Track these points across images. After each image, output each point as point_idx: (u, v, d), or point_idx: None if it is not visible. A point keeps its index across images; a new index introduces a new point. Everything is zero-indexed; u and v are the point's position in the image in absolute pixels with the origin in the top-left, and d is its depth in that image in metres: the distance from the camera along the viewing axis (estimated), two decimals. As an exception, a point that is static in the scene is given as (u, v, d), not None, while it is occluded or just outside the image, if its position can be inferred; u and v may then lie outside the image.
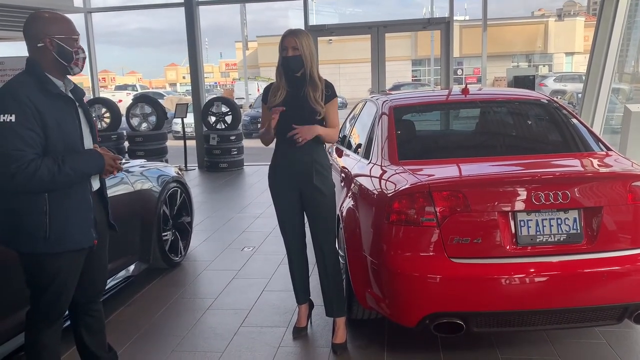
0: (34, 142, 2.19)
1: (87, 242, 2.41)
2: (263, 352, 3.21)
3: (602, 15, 8.25)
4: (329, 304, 3.31)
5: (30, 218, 2.28)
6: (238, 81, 37.25)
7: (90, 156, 2.37)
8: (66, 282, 2.41)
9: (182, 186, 4.97)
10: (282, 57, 3.12)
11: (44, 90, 2.27)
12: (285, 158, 3.20)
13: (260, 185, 8.67)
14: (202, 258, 5.03)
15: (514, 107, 4.04)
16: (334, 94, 3.21)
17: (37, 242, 2.29)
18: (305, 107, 3.10)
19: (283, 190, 3.25)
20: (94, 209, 2.48)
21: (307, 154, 3.13)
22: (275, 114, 3.02)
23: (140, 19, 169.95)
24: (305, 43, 3.08)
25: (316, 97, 3.10)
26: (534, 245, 2.75)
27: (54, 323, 2.47)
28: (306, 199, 3.21)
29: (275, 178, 3.27)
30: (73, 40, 2.35)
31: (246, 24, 34.04)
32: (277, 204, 3.32)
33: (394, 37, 25.67)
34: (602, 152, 3.31)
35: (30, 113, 2.18)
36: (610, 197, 2.78)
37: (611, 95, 8.54)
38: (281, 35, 3.08)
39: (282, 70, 3.15)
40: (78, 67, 2.39)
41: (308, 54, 3.09)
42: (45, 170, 2.18)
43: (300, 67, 3.09)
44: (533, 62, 37.97)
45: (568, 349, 3.10)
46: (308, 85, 3.11)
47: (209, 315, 3.77)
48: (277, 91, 3.16)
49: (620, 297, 2.75)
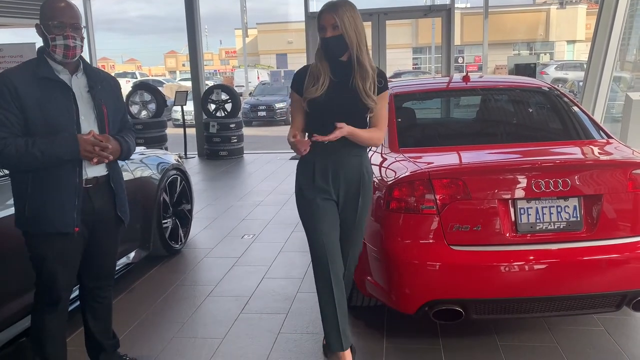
0: (9, 122, 2.25)
1: (64, 227, 2.37)
2: (263, 339, 3.23)
3: (604, 3, 8.19)
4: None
5: (17, 197, 2.41)
6: (238, 69, 37.11)
7: (65, 140, 2.30)
8: (55, 266, 2.42)
9: (182, 174, 4.97)
10: (321, 39, 2.59)
11: (34, 73, 2.32)
12: (327, 158, 2.62)
13: (260, 173, 8.67)
14: (202, 245, 5.04)
15: (515, 95, 4.03)
16: (386, 86, 2.64)
17: (21, 220, 2.42)
18: (354, 101, 2.55)
19: (319, 199, 2.65)
20: (92, 197, 2.46)
21: (355, 157, 2.63)
22: (305, 146, 2.46)
23: (141, 5, 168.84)
24: (347, 19, 2.50)
25: (366, 88, 2.53)
26: (533, 232, 2.75)
27: (54, 307, 2.49)
28: (344, 212, 2.70)
29: (314, 180, 2.65)
30: (49, 26, 2.31)
31: (246, 11, 33.88)
32: (310, 215, 2.66)
33: (395, 25, 25.53)
34: (603, 140, 3.30)
35: (8, 94, 2.24)
36: (611, 185, 2.78)
37: (612, 84, 8.51)
38: (283, 21, 3.00)
39: (323, 53, 2.59)
40: (56, 54, 2.33)
41: (353, 32, 2.51)
42: (13, 149, 2.23)
43: (344, 49, 2.54)
44: (534, 50, 37.78)
45: (567, 336, 3.11)
46: (356, 72, 2.56)
47: (209, 302, 3.79)
48: (318, 79, 2.56)
49: (619, 284, 2.76)
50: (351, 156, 2.63)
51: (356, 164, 2.64)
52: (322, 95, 2.53)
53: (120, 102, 2.66)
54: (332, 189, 2.65)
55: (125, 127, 2.65)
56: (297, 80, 2.64)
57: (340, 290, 2.65)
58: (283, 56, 38.98)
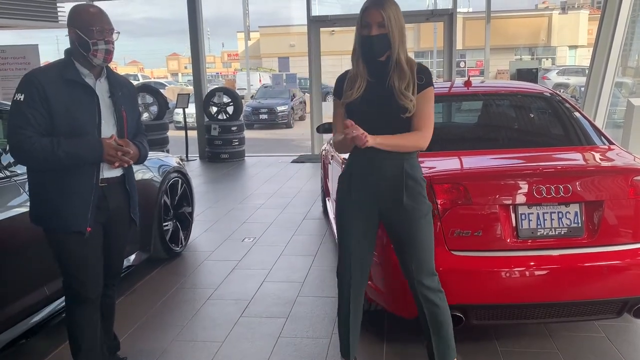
0: (36, 121, 2.30)
1: (76, 226, 2.41)
2: (263, 343, 3.22)
3: (607, 8, 8.20)
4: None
5: (35, 194, 2.47)
6: (240, 72, 37.15)
7: (89, 143, 2.38)
8: (72, 263, 2.47)
9: (183, 176, 4.97)
10: (361, 37, 2.41)
11: (62, 75, 2.38)
12: (365, 167, 2.46)
13: (262, 176, 8.68)
14: (202, 248, 5.04)
15: (517, 100, 4.02)
16: (429, 82, 2.43)
17: (37, 217, 2.47)
18: (390, 102, 2.39)
19: (356, 210, 2.50)
20: (107, 196, 2.51)
21: (395, 163, 2.41)
22: (351, 129, 2.24)
23: (145, 8, 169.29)
24: (394, 17, 2.35)
25: (402, 88, 2.37)
26: (534, 238, 2.75)
27: (82, 305, 2.54)
28: (392, 224, 2.50)
29: (350, 192, 2.51)
30: (92, 31, 2.38)
31: (248, 14, 33.96)
32: (344, 225, 2.56)
33: (397, 29, 25.40)
34: (605, 146, 3.30)
35: (37, 95, 2.30)
36: (612, 192, 2.77)
37: (614, 89, 8.51)
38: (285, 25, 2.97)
39: (361, 53, 2.44)
40: (97, 57, 2.41)
41: (397, 31, 2.36)
42: (39, 149, 2.29)
43: (386, 49, 2.38)
44: (536, 55, 37.78)
45: (567, 342, 3.10)
46: (393, 72, 2.41)
47: (209, 305, 3.78)
48: (355, 82, 2.45)
49: (620, 291, 2.75)
50: (388, 163, 2.41)
51: (395, 171, 2.41)
52: (358, 98, 2.43)
53: (136, 107, 2.76)
54: (369, 201, 2.47)
55: (139, 132, 2.72)
56: (338, 86, 2.54)
57: (356, 304, 2.58)
58: (285, 59, 39.06)
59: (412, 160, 2.44)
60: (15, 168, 3.14)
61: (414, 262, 2.45)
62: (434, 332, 2.51)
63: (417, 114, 2.39)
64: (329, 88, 18.68)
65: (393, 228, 2.50)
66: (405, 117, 2.37)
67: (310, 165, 9.42)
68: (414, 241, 2.44)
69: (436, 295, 2.47)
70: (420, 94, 2.39)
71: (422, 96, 2.39)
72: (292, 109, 19.36)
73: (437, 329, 2.50)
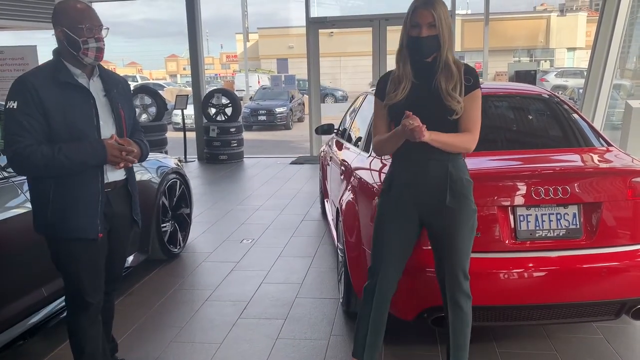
0: (33, 128, 2.22)
1: (89, 232, 2.36)
2: (261, 344, 3.22)
3: (605, 11, 8.22)
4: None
5: (38, 202, 2.38)
6: (238, 73, 37.17)
7: (91, 146, 2.30)
8: (79, 270, 2.40)
9: (182, 178, 4.97)
10: (410, 37, 2.36)
11: (54, 78, 2.29)
12: (410, 168, 2.42)
13: (260, 177, 8.67)
14: (201, 250, 5.03)
15: (515, 102, 4.03)
16: (477, 83, 2.38)
17: (43, 225, 2.38)
18: (435, 104, 2.34)
19: (395, 211, 2.46)
20: (111, 201, 2.46)
21: (440, 164, 2.37)
22: (412, 120, 2.20)
23: (144, 9, 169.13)
24: (444, 17, 2.30)
25: (449, 89, 2.33)
26: (533, 240, 2.75)
27: (85, 311, 2.48)
28: (432, 226, 2.45)
29: (390, 192, 2.48)
30: (81, 29, 2.28)
31: (247, 15, 33.96)
32: (382, 225, 2.50)
33: (396, 30, 25.48)
34: (603, 148, 3.30)
35: (31, 100, 2.22)
36: (610, 193, 2.77)
37: (612, 91, 8.53)
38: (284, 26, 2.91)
39: (408, 54, 2.40)
40: (88, 56, 2.32)
41: (447, 32, 2.32)
42: (39, 156, 2.21)
43: (435, 50, 2.34)
44: (535, 57, 37.84)
45: (565, 343, 3.10)
46: (440, 73, 2.37)
47: (208, 306, 3.78)
48: (400, 83, 2.40)
49: (619, 292, 2.75)
50: (433, 164, 2.37)
51: (439, 172, 2.37)
52: (403, 100, 2.38)
53: (132, 104, 2.68)
54: (411, 202, 2.42)
55: (136, 129, 2.65)
56: (380, 87, 2.51)
57: (380, 310, 2.52)
58: (284, 61, 39.04)
59: (457, 162, 2.41)
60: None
61: (450, 263, 2.43)
62: (453, 334, 2.49)
63: (466, 116, 2.35)
64: (327, 90, 18.67)
65: (434, 230, 2.45)
66: (451, 119, 2.33)
67: (309, 166, 9.42)
68: (454, 243, 2.40)
69: (465, 300, 2.46)
70: (468, 95, 2.35)
71: (470, 98, 2.36)
72: (290, 111, 19.36)
73: (458, 333, 2.49)
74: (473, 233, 2.44)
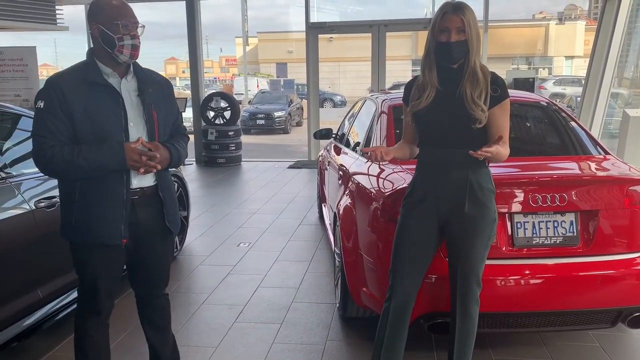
0: (57, 129, 2.16)
1: (110, 239, 2.25)
2: (257, 348, 3.21)
3: (603, 20, 8.27)
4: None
5: (64, 206, 2.32)
6: (238, 77, 37.20)
7: (110, 149, 2.17)
8: (98, 276, 2.32)
9: (179, 180, 4.96)
10: (438, 43, 2.32)
11: (83, 78, 2.22)
12: (427, 175, 2.43)
13: (258, 181, 8.67)
14: (197, 253, 5.02)
15: (513, 109, 3.98)
16: (505, 93, 2.35)
17: (66, 229, 2.31)
18: (459, 112, 2.30)
19: (416, 217, 2.43)
20: (137, 208, 2.31)
21: (461, 172, 2.34)
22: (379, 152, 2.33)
23: (144, 12, 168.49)
24: (473, 23, 2.27)
25: (474, 96, 2.28)
26: (530, 247, 2.75)
27: (97, 316, 2.41)
28: (452, 233, 2.42)
29: (412, 196, 2.46)
30: (116, 25, 2.19)
31: (247, 19, 33.96)
32: (403, 232, 2.46)
33: (395, 37, 25.63)
34: (600, 156, 3.31)
35: (56, 100, 2.16)
36: (607, 201, 2.78)
37: (610, 100, 8.56)
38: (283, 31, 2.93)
39: (435, 60, 2.37)
40: (123, 54, 2.22)
41: (475, 38, 2.28)
42: (60, 158, 2.14)
43: (463, 56, 2.31)
44: (533, 64, 37.97)
45: (561, 351, 3.10)
46: (466, 80, 2.32)
47: (204, 310, 3.77)
48: (424, 90, 2.37)
49: (615, 300, 2.76)
50: (455, 171, 2.35)
51: (459, 180, 2.34)
52: (426, 107, 2.36)
53: (173, 106, 2.49)
54: (431, 210, 2.40)
55: (178, 133, 2.49)
56: (406, 93, 2.50)
57: (396, 323, 2.51)
58: (283, 65, 39.08)
59: (480, 170, 2.37)
60: (10, 170, 3.13)
61: (465, 271, 2.41)
62: (459, 341, 2.48)
63: (497, 126, 2.33)
64: (326, 94, 18.67)
65: (452, 236, 2.42)
66: (474, 128, 2.29)
67: (307, 171, 9.42)
68: (470, 250, 2.39)
69: (473, 306, 2.45)
70: (498, 106, 2.33)
71: (500, 108, 2.33)
72: (289, 115, 19.38)
73: (464, 339, 2.48)
74: (490, 242, 2.43)
